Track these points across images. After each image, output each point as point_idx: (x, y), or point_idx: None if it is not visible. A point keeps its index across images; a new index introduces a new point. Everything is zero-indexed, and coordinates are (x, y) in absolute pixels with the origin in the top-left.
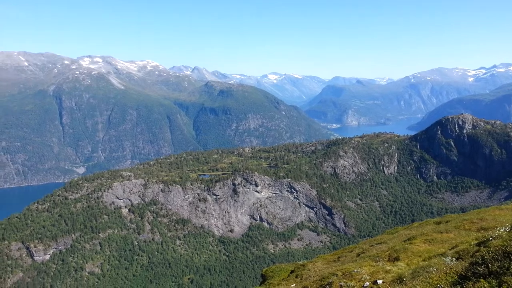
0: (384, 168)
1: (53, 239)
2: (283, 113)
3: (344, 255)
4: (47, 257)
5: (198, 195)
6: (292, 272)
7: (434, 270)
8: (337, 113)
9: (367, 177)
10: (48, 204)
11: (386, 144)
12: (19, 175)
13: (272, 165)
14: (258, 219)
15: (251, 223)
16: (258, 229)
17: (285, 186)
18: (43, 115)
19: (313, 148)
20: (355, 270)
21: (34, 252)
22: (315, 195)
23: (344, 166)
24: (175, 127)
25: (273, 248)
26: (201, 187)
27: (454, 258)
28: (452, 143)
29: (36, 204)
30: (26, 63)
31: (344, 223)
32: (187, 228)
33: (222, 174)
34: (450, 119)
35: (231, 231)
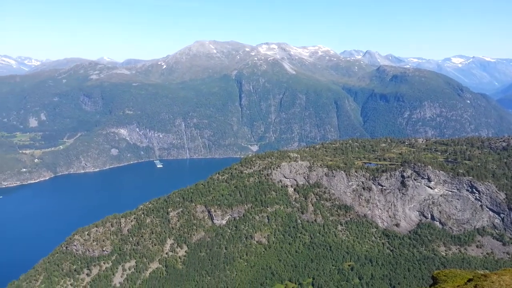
0: None
1: (229, 207)
2: (468, 101)
3: None
4: (224, 222)
5: (363, 183)
6: (470, 280)
7: None
8: None
9: None
10: (227, 175)
11: None
12: (205, 148)
13: (450, 159)
14: (429, 217)
15: (420, 220)
16: (428, 227)
17: (464, 185)
18: (226, 97)
19: (504, 144)
20: None
21: (214, 216)
22: (503, 199)
23: None
24: (342, 112)
25: (445, 251)
26: (366, 175)
27: None
28: None
29: (217, 175)
30: (214, 51)
31: None
32: (349, 215)
33: (390, 164)
34: None
35: (397, 225)
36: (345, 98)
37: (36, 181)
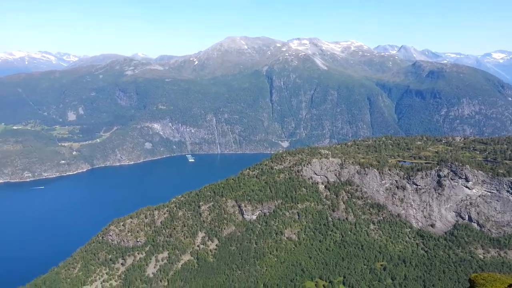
0: None
1: (260, 202)
2: (510, 99)
3: None
4: (254, 217)
5: (396, 182)
6: (510, 286)
7: None
8: None
9: None
10: (257, 171)
11: None
12: (236, 143)
13: (489, 159)
14: (466, 219)
15: (457, 221)
16: (465, 229)
17: (504, 186)
18: (257, 93)
19: None
20: None
21: (244, 211)
22: None
23: None
24: (376, 109)
25: (483, 254)
26: (400, 174)
27: None
28: None
29: (248, 170)
30: (245, 47)
31: None
32: (382, 214)
33: (426, 163)
34: None
35: (432, 225)
36: (379, 94)
37: (74, 172)
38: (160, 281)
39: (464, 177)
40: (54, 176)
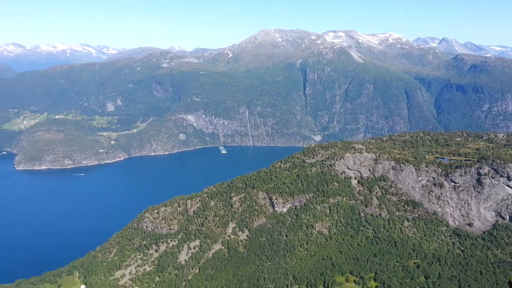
0: None
1: (291, 195)
2: None
3: None
4: (285, 210)
5: (433, 179)
6: None
7: None
8: None
9: None
10: (289, 164)
11: None
12: (268, 136)
13: None
14: (507, 219)
15: (496, 221)
16: (505, 229)
17: None
18: (290, 86)
19: None
20: None
21: (275, 203)
22: None
23: None
24: (413, 103)
25: None
26: (438, 171)
27: None
28: None
29: (279, 163)
30: (280, 39)
31: None
32: (417, 211)
33: (465, 160)
34: None
35: (470, 225)
36: (417, 88)
37: (112, 161)
38: (192, 268)
39: (506, 175)
40: (93, 164)
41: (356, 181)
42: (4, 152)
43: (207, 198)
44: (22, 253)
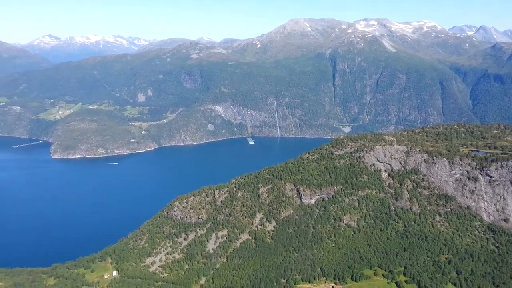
0: None
1: (318, 187)
2: None
3: None
4: (312, 201)
5: (468, 173)
6: None
7: None
8: None
9: None
10: (317, 156)
11: None
12: (296, 127)
13: None
14: None
15: None
16: None
17: None
18: (319, 76)
19: None
20: None
21: (302, 195)
22: None
23: None
24: (448, 94)
25: None
26: (472, 164)
27: None
28: None
29: (307, 155)
30: (309, 29)
31: None
32: (450, 206)
33: (502, 153)
34: None
35: (505, 220)
36: (452, 79)
37: (143, 150)
38: (220, 257)
39: None
40: (125, 153)
41: (386, 174)
42: (40, 141)
43: (234, 189)
44: (58, 239)
